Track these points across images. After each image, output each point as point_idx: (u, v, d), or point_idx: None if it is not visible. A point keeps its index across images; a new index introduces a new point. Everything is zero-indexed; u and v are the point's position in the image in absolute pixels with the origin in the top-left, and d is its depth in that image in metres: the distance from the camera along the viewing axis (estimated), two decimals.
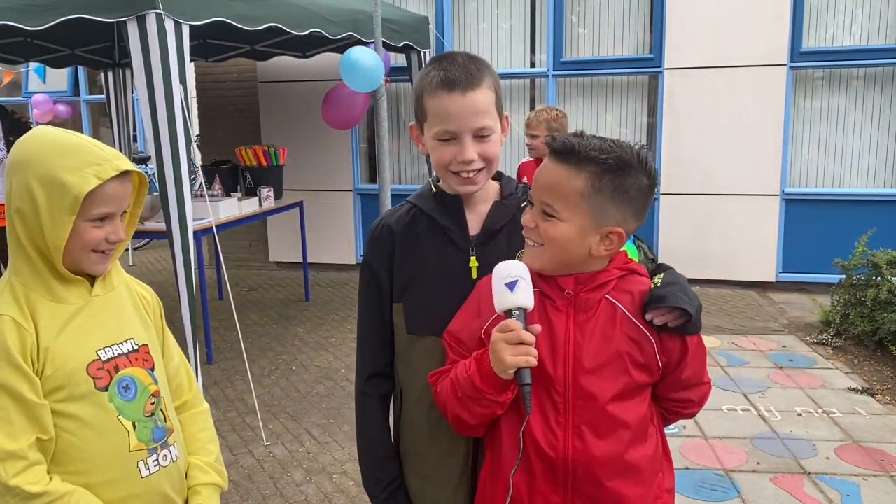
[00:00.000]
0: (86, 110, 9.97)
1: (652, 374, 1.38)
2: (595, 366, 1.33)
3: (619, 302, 1.36)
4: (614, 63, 6.76)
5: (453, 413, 1.38)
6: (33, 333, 1.33)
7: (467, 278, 1.47)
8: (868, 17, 6.26)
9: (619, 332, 1.34)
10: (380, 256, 1.53)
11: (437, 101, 1.41)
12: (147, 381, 1.47)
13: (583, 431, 1.32)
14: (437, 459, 1.52)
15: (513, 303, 1.27)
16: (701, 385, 1.45)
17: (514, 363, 1.25)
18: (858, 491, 3.17)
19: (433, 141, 1.44)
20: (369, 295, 1.57)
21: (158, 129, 3.67)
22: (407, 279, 1.51)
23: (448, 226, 1.49)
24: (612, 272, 1.38)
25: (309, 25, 4.83)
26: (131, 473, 1.41)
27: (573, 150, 1.30)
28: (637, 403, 1.37)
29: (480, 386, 1.30)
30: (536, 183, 1.35)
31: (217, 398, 4.37)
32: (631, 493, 1.35)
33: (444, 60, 1.43)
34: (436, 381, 1.43)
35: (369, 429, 1.60)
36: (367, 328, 1.59)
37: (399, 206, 1.58)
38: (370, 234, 1.57)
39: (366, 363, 1.60)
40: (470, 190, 1.46)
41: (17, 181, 1.34)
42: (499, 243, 1.49)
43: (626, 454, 1.34)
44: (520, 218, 1.47)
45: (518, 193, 1.54)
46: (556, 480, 1.34)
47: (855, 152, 6.47)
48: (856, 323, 4.95)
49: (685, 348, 1.38)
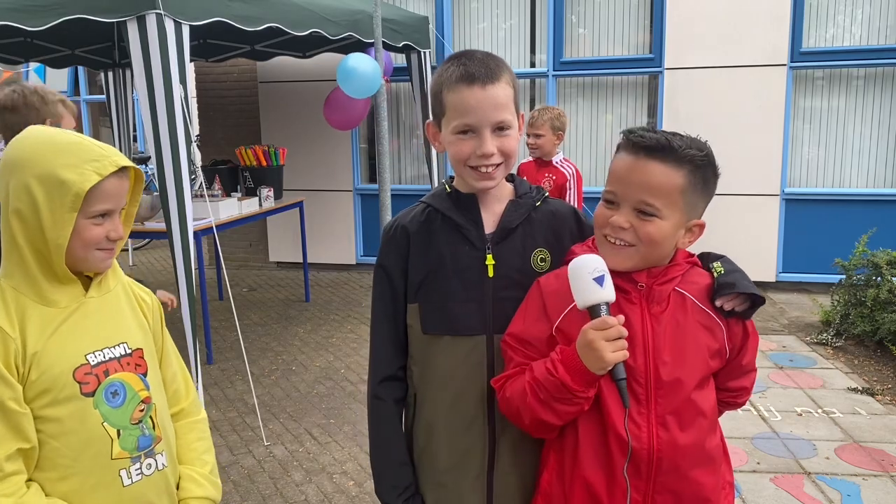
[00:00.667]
0: (86, 110, 9.97)
1: (723, 360, 1.41)
2: (674, 355, 1.34)
3: (687, 293, 1.39)
4: (614, 63, 6.76)
5: (533, 417, 1.35)
6: (17, 339, 1.31)
7: (484, 277, 1.47)
8: (868, 17, 6.26)
9: (691, 320, 1.37)
10: (394, 257, 1.52)
11: (456, 95, 1.40)
12: (138, 387, 1.44)
13: (667, 421, 1.33)
14: (454, 462, 1.50)
15: (602, 297, 1.27)
16: (753, 371, 1.49)
17: (614, 359, 1.26)
18: (858, 491, 3.17)
19: (452, 136, 1.43)
20: (383, 297, 1.54)
21: (158, 129, 3.67)
22: (422, 279, 1.49)
23: (464, 224, 1.48)
24: (682, 265, 1.40)
25: (309, 26, 4.84)
26: (113, 481, 1.39)
27: (670, 147, 1.31)
28: (710, 391, 1.41)
29: (573, 386, 1.29)
30: (628, 183, 1.33)
31: (217, 398, 4.37)
32: (708, 482, 1.37)
33: (462, 56, 1.43)
34: (502, 387, 1.41)
35: (384, 433, 1.56)
36: (381, 330, 1.56)
37: (413, 206, 1.57)
38: (384, 236, 1.56)
39: (379, 366, 1.57)
40: (487, 185, 1.45)
41: (15, 182, 1.33)
42: (514, 242, 1.48)
43: (705, 442, 1.37)
44: (535, 217, 1.48)
45: (532, 193, 1.53)
46: (639, 473, 1.33)
47: (855, 152, 6.47)
48: (856, 323, 4.95)
49: (746, 333, 1.42)
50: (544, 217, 1.52)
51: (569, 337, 1.35)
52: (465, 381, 1.48)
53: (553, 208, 1.54)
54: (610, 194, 1.36)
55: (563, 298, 1.37)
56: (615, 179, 1.35)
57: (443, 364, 1.48)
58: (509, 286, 1.47)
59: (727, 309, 1.38)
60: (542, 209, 1.52)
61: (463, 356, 1.47)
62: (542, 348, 1.38)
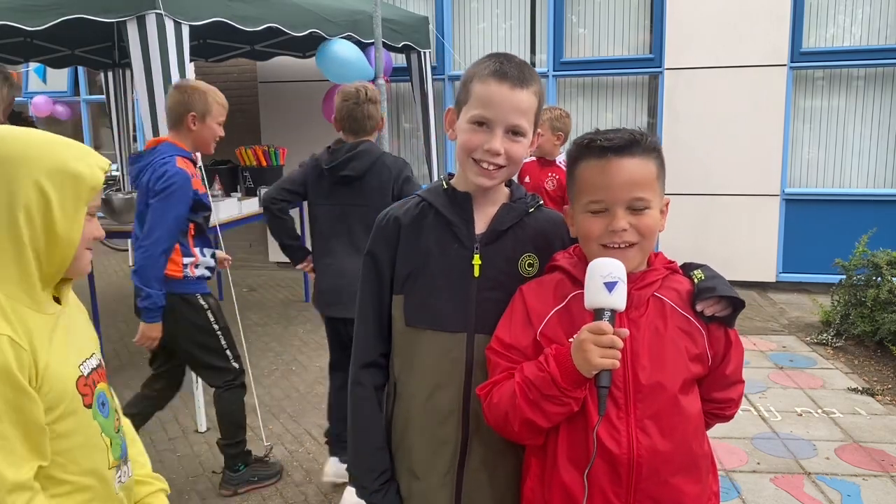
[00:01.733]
0: (86, 110, 9.96)
1: (704, 366, 1.40)
2: (653, 360, 1.34)
3: (666, 298, 1.39)
4: (614, 63, 6.76)
5: (522, 418, 1.34)
6: (28, 350, 1.23)
7: (469, 276, 1.48)
8: (868, 17, 6.27)
9: (671, 325, 1.37)
10: (384, 247, 1.54)
11: (484, 86, 1.42)
12: (111, 396, 1.42)
13: (646, 426, 1.33)
14: (427, 454, 1.52)
15: (609, 303, 1.27)
16: (739, 383, 1.49)
17: (600, 364, 1.25)
18: (858, 491, 3.17)
19: (467, 124, 1.44)
20: (370, 284, 1.56)
21: (158, 129, 3.67)
22: (409, 271, 1.51)
23: (455, 222, 1.49)
24: (660, 270, 1.42)
25: (308, 26, 4.84)
26: (111, 493, 1.37)
27: (637, 141, 1.36)
28: (694, 397, 1.40)
29: (562, 383, 1.29)
30: (614, 185, 1.34)
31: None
32: (690, 491, 1.36)
33: (502, 56, 1.46)
34: (488, 393, 1.41)
35: (363, 418, 1.58)
36: (366, 317, 1.58)
37: (408, 199, 1.59)
38: (376, 225, 1.57)
39: (361, 351, 1.59)
40: (485, 183, 1.46)
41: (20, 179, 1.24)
42: (503, 244, 1.50)
43: (688, 449, 1.36)
44: (527, 222, 1.50)
45: (527, 199, 1.55)
46: (619, 479, 1.33)
47: (855, 152, 6.47)
48: (856, 323, 4.95)
49: (729, 341, 1.42)
50: (536, 223, 1.53)
51: (553, 341, 1.37)
52: (444, 376, 1.49)
53: (545, 216, 1.56)
54: (597, 203, 1.36)
55: (544, 304, 1.40)
56: (598, 188, 1.36)
57: (423, 357, 1.50)
58: (494, 287, 1.48)
59: (708, 314, 1.37)
60: (535, 215, 1.54)
61: (443, 352, 1.48)
62: (528, 354, 1.39)
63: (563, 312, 1.39)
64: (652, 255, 1.45)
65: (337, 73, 5.24)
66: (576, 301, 1.38)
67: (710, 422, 1.50)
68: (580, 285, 1.37)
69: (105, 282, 7.24)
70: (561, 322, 1.38)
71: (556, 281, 1.44)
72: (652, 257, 1.45)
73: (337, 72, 5.23)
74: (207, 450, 3.72)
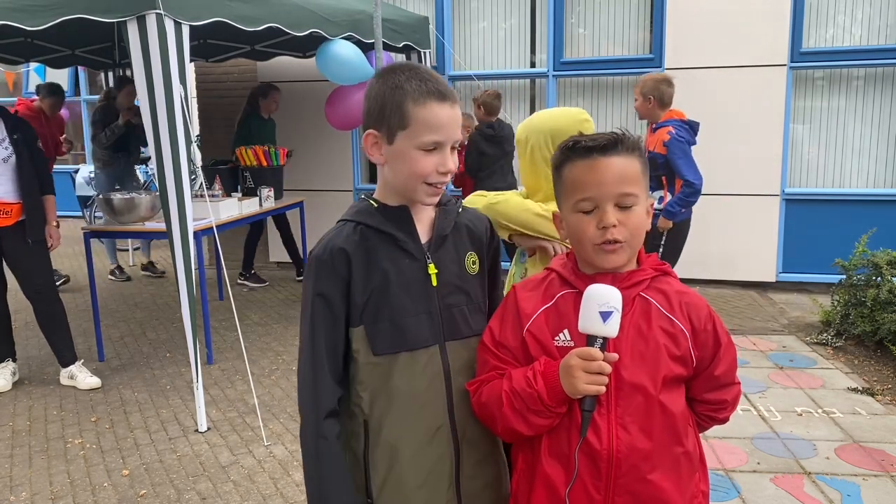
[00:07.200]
0: (86, 110, 9.97)
1: (687, 367, 1.41)
2: (634, 358, 1.36)
3: (652, 299, 1.40)
4: (614, 63, 6.76)
5: (506, 425, 1.39)
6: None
7: (429, 286, 1.47)
8: (868, 17, 6.27)
9: (654, 326, 1.38)
10: (334, 282, 1.44)
11: (426, 110, 1.40)
12: None
13: (627, 423, 1.35)
14: (424, 476, 1.47)
15: (600, 332, 1.30)
16: (733, 385, 1.48)
17: (585, 390, 1.29)
18: (859, 491, 3.17)
19: (416, 151, 1.41)
20: (323, 326, 1.45)
21: (158, 129, 3.67)
22: (366, 299, 1.45)
23: (400, 236, 1.46)
24: (647, 271, 1.42)
25: (309, 26, 4.84)
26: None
27: (620, 140, 1.38)
28: (678, 396, 1.41)
29: (548, 401, 1.33)
30: (603, 183, 1.36)
31: (217, 398, 4.37)
32: (670, 488, 1.37)
33: (416, 70, 1.44)
34: (477, 390, 1.44)
35: (333, 476, 1.44)
36: (321, 364, 1.45)
37: (339, 227, 1.50)
38: (317, 262, 1.45)
39: (321, 401, 1.44)
40: (434, 202, 1.49)
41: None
42: (448, 248, 1.51)
43: (668, 447, 1.37)
44: (460, 223, 1.54)
45: (452, 201, 1.58)
46: (599, 475, 1.35)
47: (855, 152, 6.47)
48: (856, 323, 4.95)
49: (718, 342, 1.42)
50: (467, 222, 1.57)
51: (538, 340, 1.40)
52: (427, 393, 1.46)
53: (469, 214, 1.60)
54: (586, 202, 1.37)
55: (532, 304, 1.43)
56: (587, 185, 1.37)
57: (402, 382, 1.45)
58: (453, 292, 1.49)
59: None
60: (463, 215, 1.57)
61: (420, 370, 1.45)
62: (517, 352, 1.42)
63: (550, 310, 1.41)
64: (642, 255, 1.45)
65: (337, 73, 5.27)
66: (564, 300, 1.41)
67: (704, 424, 1.50)
68: (569, 285, 1.41)
69: (105, 282, 7.25)
70: (548, 321, 1.41)
71: (547, 280, 1.47)
72: (642, 257, 1.45)
73: (337, 72, 5.26)
74: (207, 450, 3.72)
